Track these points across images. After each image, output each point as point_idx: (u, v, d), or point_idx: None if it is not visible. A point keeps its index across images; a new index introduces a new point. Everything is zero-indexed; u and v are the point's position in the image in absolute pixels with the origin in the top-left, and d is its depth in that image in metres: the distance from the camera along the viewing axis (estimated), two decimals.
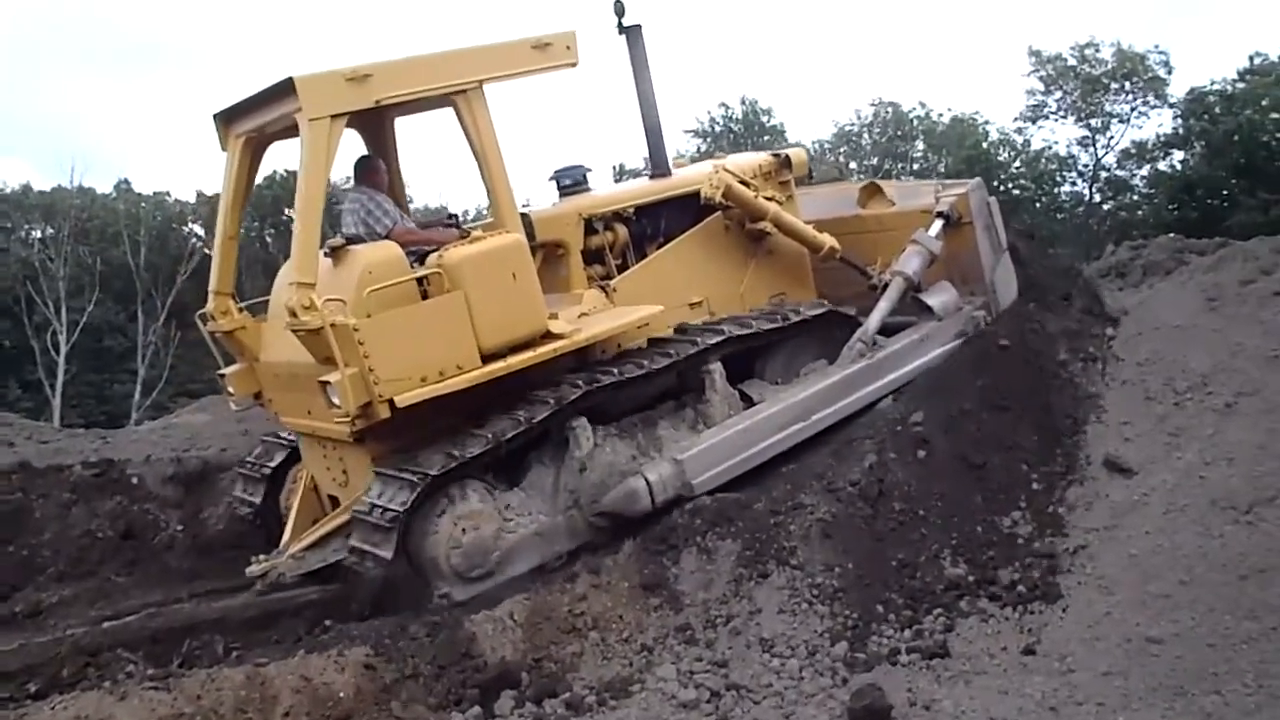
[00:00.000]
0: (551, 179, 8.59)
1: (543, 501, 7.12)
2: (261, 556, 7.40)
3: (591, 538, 7.16)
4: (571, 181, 8.53)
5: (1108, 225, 35.88)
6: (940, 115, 41.94)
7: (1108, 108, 37.86)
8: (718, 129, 46.16)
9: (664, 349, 7.65)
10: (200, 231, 38.51)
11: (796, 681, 5.57)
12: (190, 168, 65.00)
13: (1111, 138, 38.37)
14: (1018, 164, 40.11)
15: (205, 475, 9.40)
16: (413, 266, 6.92)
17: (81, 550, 8.50)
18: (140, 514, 8.93)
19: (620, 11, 8.40)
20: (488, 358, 6.71)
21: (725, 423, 7.64)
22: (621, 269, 8.34)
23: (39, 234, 36.14)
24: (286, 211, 6.51)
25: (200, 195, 39.54)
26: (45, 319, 32.35)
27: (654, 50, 8.58)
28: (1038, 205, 38.69)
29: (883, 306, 8.46)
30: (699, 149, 47.00)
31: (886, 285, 8.61)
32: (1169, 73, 37.01)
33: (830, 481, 6.86)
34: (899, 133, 42.16)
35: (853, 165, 41.87)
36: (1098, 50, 37.68)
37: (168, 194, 40.25)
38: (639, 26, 8.50)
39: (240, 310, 7.65)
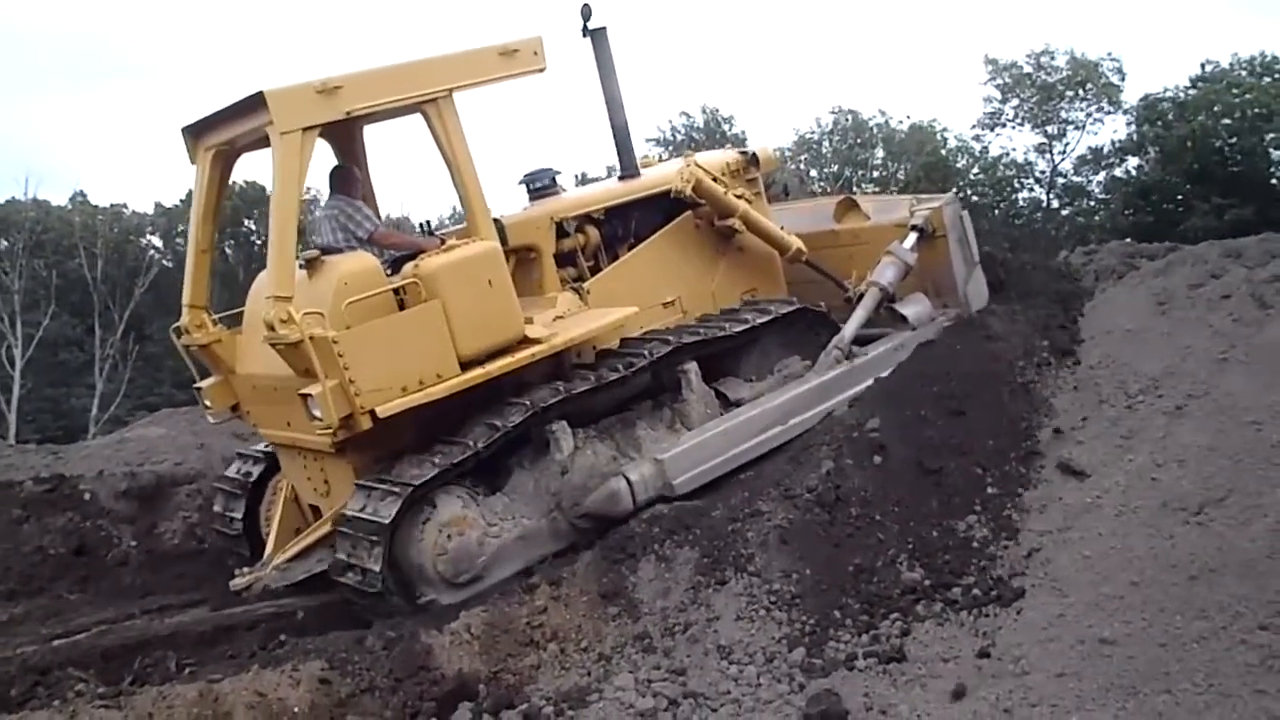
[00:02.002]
0: (521, 183, 8.62)
1: (525, 505, 7.16)
2: (245, 570, 7.40)
3: (575, 539, 7.21)
4: (541, 185, 8.59)
5: (1065, 230, 36.26)
6: (900, 123, 42.28)
7: (1064, 115, 38.30)
8: (679, 137, 46.25)
9: (639, 351, 7.71)
10: (159, 243, 38.13)
11: (754, 688, 5.57)
12: (148, 179, 64.23)
13: (1068, 144, 38.88)
14: (976, 171, 40.51)
15: (160, 490, 9.33)
16: (387, 275, 6.98)
17: (32, 567, 8.41)
18: (93, 530, 8.84)
19: (586, 14, 8.43)
20: (467, 365, 6.78)
21: (706, 425, 7.76)
22: (594, 271, 8.42)
23: (5, 242, 35.61)
24: (245, 223, 6.41)
25: (159, 207, 39.19)
26: None
27: (615, 57, 8.60)
28: (995, 212, 39.04)
29: (858, 316, 8.69)
30: (660, 157, 47.09)
31: (862, 296, 8.83)
32: (1123, 80, 37.56)
33: (788, 488, 6.88)
34: (859, 140, 42.40)
35: (813, 173, 42.06)
36: (1053, 58, 38.16)
37: (125, 206, 39.90)
38: (604, 29, 8.56)
39: (215, 323, 7.65)
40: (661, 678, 5.76)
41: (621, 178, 9.07)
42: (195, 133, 7.40)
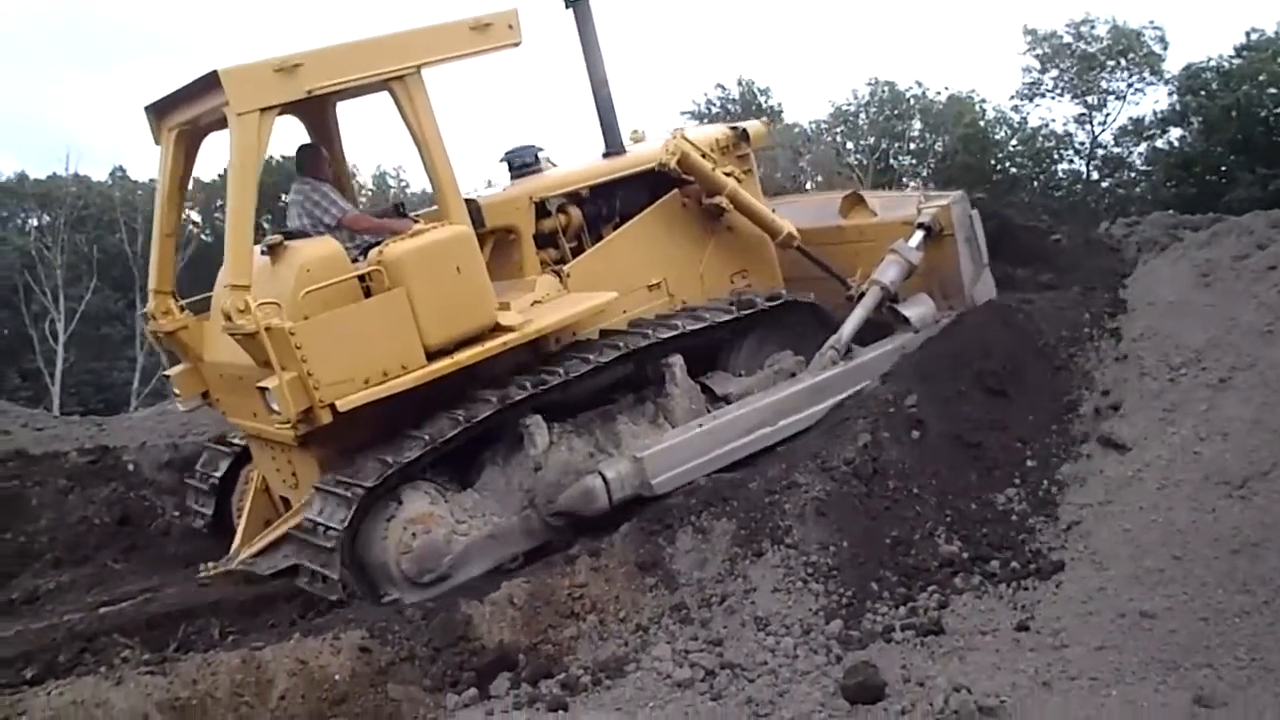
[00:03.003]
0: (503, 160, 8.33)
1: (497, 502, 6.94)
2: (211, 564, 7.31)
3: (549, 538, 7.01)
4: (523, 163, 8.25)
5: (1106, 203, 35.80)
6: (937, 94, 41.83)
7: (1104, 85, 37.80)
8: (714, 110, 46.04)
9: (616, 342, 7.39)
10: (197, 218, 38.43)
11: (791, 659, 5.57)
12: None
13: (1108, 115, 38.38)
14: (1015, 142, 40.03)
15: None
16: (355, 262, 6.74)
17: (78, 537, 8.53)
18: (136, 500, 8.95)
19: None
20: (433, 355, 6.55)
21: (690, 423, 7.43)
22: (577, 252, 8.09)
23: (35, 222, 36.13)
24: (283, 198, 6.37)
25: (196, 181, 39.43)
26: (43, 307, 32.37)
27: (649, 30, 8.47)
28: (1035, 184, 38.64)
29: (857, 315, 8.28)
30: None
31: (863, 294, 8.43)
32: (1165, 49, 36.99)
33: (824, 460, 6.84)
34: (896, 112, 41.97)
35: (849, 145, 41.76)
36: (1093, 27, 37.64)
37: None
38: (587, 2, 8.24)
39: (182, 309, 7.41)
40: (699, 648, 5.77)
41: (606, 155, 8.70)
42: (158, 112, 7.17)
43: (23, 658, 6.35)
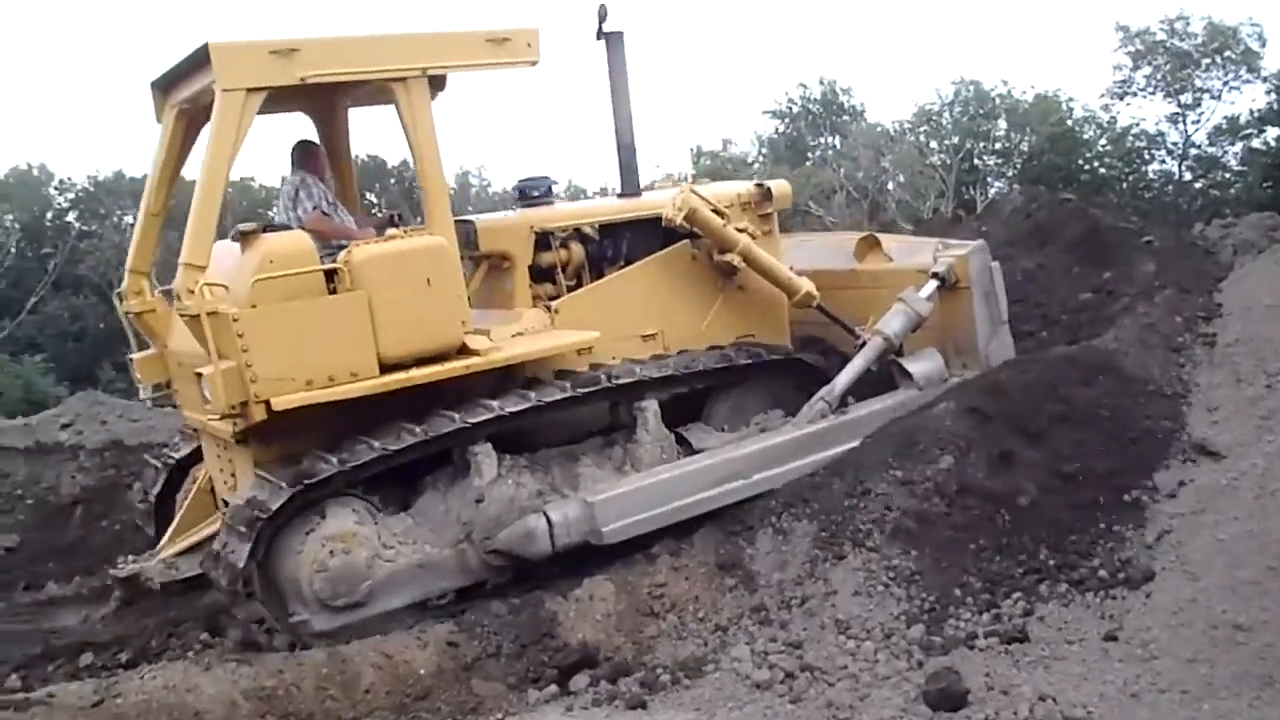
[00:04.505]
0: (514, 189, 8.16)
1: (431, 531, 6.52)
2: (131, 558, 7.18)
3: (485, 577, 6.63)
4: (534, 192, 7.95)
5: (1199, 204, 34.88)
6: (1023, 93, 41.12)
7: (1198, 83, 36.80)
8: (795, 110, 45.81)
9: (581, 379, 7.00)
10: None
11: (871, 664, 5.53)
12: (276, 157, 66.01)
13: (1202, 114, 37.34)
14: (1104, 142, 39.20)
15: None
16: (327, 261, 6.44)
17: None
18: None
19: (603, 15, 7.79)
20: (388, 368, 6.18)
21: (653, 470, 7.03)
22: (575, 290, 7.65)
23: (131, 219, 37.17)
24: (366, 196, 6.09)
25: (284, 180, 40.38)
26: None
27: (731, 29, 8.30)
28: (1124, 184, 37.79)
29: (855, 365, 7.72)
30: (777, 130, 46.75)
31: (864, 344, 7.86)
32: (1263, 46, 35.94)
33: (904, 477, 6.66)
34: (980, 111, 41.36)
35: (933, 145, 41.23)
36: (1188, 24, 36.68)
37: (252, 180, 41.16)
38: (620, 33, 7.91)
39: (155, 293, 7.15)
40: (778, 650, 5.77)
41: (621, 195, 8.32)
42: (163, 88, 6.96)
43: (118, 642, 6.59)
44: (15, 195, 38.78)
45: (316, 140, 7.57)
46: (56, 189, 40.49)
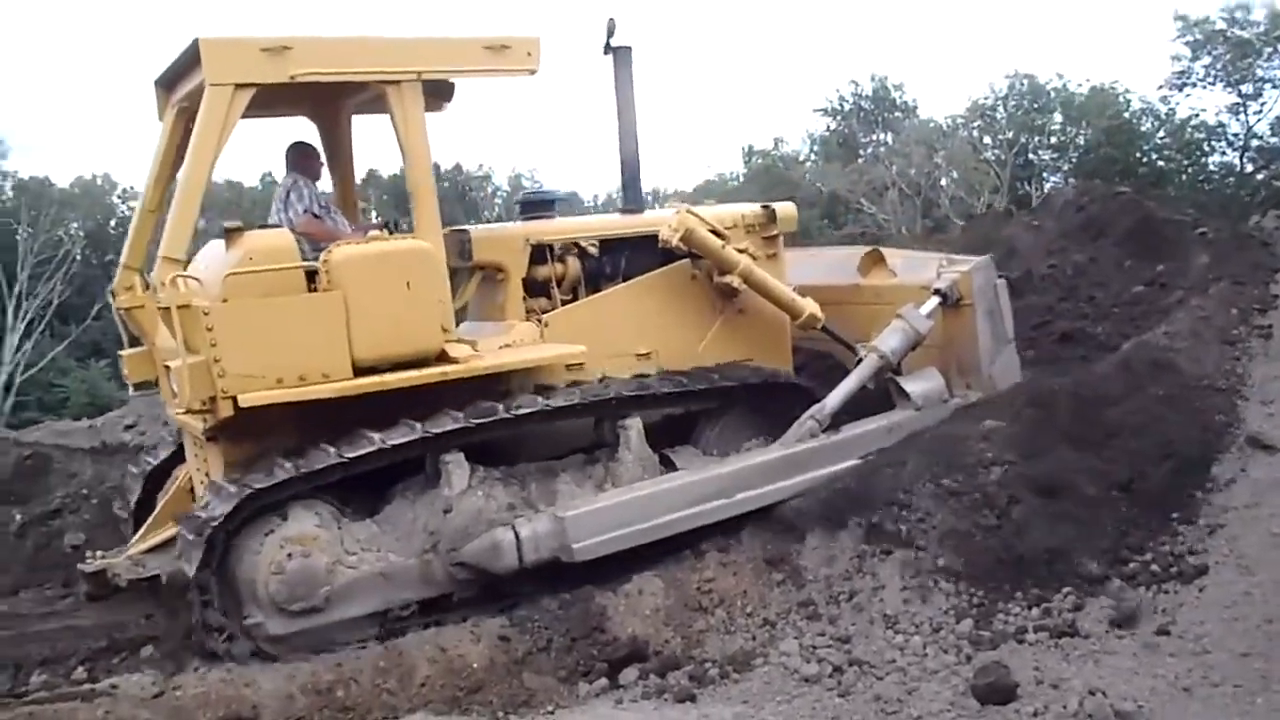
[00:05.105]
0: (517, 201, 8.07)
1: (396, 539, 6.35)
2: (99, 553, 7.16)
3: (450, 590, 6.45)
4: (537, 205, 7.95)
5: (1261, 196, 34.19)
6: (1079, 86, 40.60)
7: (1260, 73, 36.09)
8: (847, 106, 45.61)
9: (560, 394, 6.86)
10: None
11: (920, 658, 5.54)
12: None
13: (1264, 104, 36.61)
14: (1162, 134, 38.58)
15: None
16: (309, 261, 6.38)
17: None
18: None
19: (611, 29, 7.74)
20: (362, 370, 6.08)
21: (629, 486, 6.84)
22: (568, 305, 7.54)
23: (203, 223, 37.91)
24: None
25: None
26: None
27: (781, 28, 8.22)
28: (1183, 177, 37.16)
29: (849, 384, 7.49)
30: (828, 127, 46.59)
31: (860, 362, 7.64)
32: None
33: (949, 486, 6.54)
34: (1035, 105, 40.90)
35: (986, 140, 40.85)
36: (1249, 12, 35.95)
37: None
38: (629, 48, 7.83)
39: (146, 289, 7.02)
40: (826, 644, 5.79)
41: (623, 211, 8.25)
42: (165, 86, 6.94)
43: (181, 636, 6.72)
44: (80, 204, 39.83)
45: (312, 143, 7.55)
46: (120, 198, 41.56)
